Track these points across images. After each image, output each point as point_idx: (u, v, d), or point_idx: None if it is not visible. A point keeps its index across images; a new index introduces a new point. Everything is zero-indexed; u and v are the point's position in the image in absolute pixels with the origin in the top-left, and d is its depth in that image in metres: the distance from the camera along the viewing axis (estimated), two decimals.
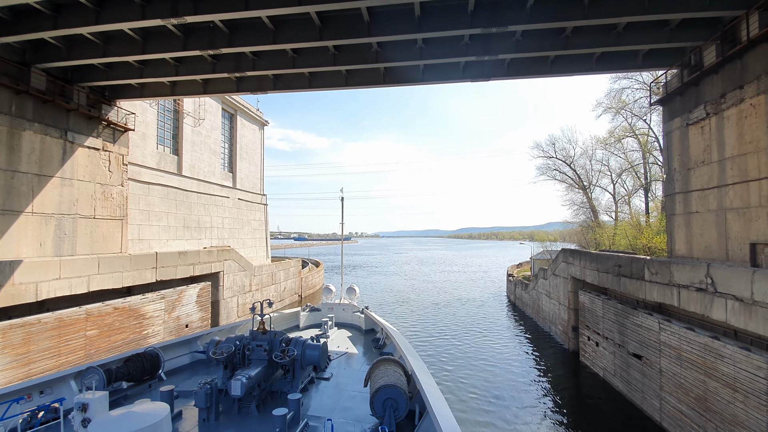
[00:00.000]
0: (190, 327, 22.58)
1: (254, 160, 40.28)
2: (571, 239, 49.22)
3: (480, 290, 47.72)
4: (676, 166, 15.66)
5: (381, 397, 6.55)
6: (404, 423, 6.76)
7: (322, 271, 57.55)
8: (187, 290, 22.45)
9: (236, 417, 7.26)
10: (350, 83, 17.60)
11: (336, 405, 8.01)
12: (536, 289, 29.80)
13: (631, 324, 15.31)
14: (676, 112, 15.69)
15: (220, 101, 33.80)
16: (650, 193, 35.88)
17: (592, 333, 19.04)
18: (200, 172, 30.91)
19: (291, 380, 8.21)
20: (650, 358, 14.05)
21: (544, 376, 19.37)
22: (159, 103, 26.90)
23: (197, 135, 30.78)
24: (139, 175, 24.46)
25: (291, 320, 14.84)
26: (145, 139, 25.32)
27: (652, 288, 13.98)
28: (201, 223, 30.14)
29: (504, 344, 24.54)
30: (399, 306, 36.48)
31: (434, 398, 6.39)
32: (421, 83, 17.11)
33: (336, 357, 11.16)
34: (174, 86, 19.53)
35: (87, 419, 5.67)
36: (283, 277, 36.79)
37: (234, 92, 19.02)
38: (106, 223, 19.78)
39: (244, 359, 8.05)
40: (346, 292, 16.79)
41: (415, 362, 8.34)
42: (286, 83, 18.20)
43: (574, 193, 43.00)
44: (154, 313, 20.04)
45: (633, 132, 35.19)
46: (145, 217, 24.58)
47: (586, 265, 19.98)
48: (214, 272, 25.39)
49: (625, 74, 30.71)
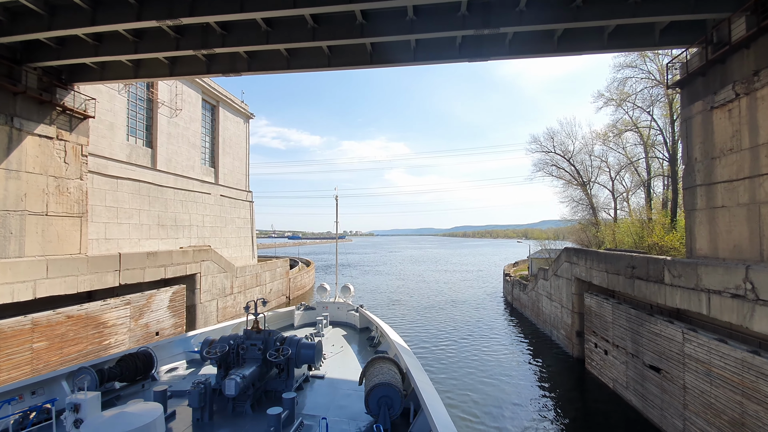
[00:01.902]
0: (162, 335, 20.59)
1: (239, 154, 38.19)
2: (567, 237, 47.77)
3: (475, 290, 46.09)
4: (697, 155, 14.00)
5: (376, 395, 6.52)
6: (399, 421, 6.79)
7: (312, 271, 55.55)
8: (157, 294, 20.45)
9: (230, 416, 7.15)
10: (334, 63, 15.71)
11: (331, 403, 7.93)
12: (536, 290, 28.18)
13: (648, 332, 13.66)
14: (697, 94, 14.02)
15: (200, 91, 31.69)
16: (651, 190, 34.46)
17: (600, 340, 17.40)
18: (178, 166, 28.80)
19: (285, 379, 8.14)
20: (671, 372, 12.40)
21: (547, 385, 17.76)
22: (129, 90, 24.77)
23: (174, 126, 28.66)
24: (106, 169, 22.36)
25: (285, 319, 14.67)
26: (113, 129, 23.20)
27: (673, 292, 12.31)
28: (178, 221, 28.06)
29: (503, 349, 22.90)
30: (390, 308, 34.70)
31: (429, 396, 6.38)
32: (413, 63, 15.27)
33: (331, 356, 10.99)
34: (137, 67, 17.49)
35: (79, 420, 5.65)
36: (269, 278, 34.83)
37: (205, 74, 17.04)
38: (62, 221, 17.71)
39: (238, 358, 7.94)
40: (341, 290, 16.48)
41: (409, 360, 8.32)
42: (262, 63, 16.26)
43: (572, 189, 41.49)
44: (118, 320, 18.04)
45: (635, 125, 33.66)
46: (112, 214, 22.50)
47: (592, 265, 18.32)
48: (190, 274, 23.39)
49: (629, 64, 29.15)
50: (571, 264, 20.88)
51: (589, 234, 34.32)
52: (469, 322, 29.32)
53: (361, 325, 14.41)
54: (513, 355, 21.95)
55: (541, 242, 43.76)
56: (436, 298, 40.27)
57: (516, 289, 34.79)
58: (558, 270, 23.11)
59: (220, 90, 34.58)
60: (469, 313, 32.88)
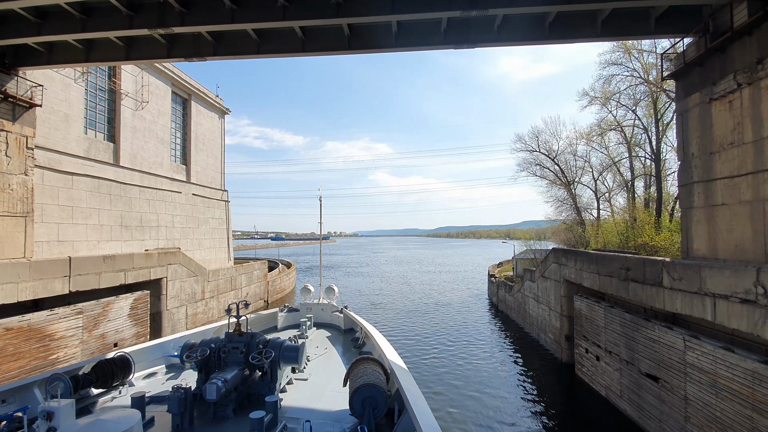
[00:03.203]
0: (121, 345, 18.75)
1: (213, 151, 36.24)
2: (550, 238, 47.50)
3: (460, 292, 45.25)
4: (694, 150, 13.26)
5: (360, 396, 6.47)
6: (383, 421, 6.76)
7: (293, 273, 53.71)
8: (116, 302, 18.62)
9: (212, 422, 7.01)
10: (309, 48, 14.36)
11: (315, 406, 7.88)
12: (522, 292, 27.39)
13: (644, 338, 12.82)
14: (694, 86, 13.29)
15: (169, 83, 29.73)
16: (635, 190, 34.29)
17: (592, 345, 16.58)
18: (144, 162, 26.82)
19: (269, 382, 7.97)
20: (671, 381, 11.55)
21: (535, 391, 16.90)
22: (87, 79, 22.77)
23: (140, 120, 26.68)
24: (60, 164, 20.36)
25: (269, 321, 14.49)
26: (68, 121, 21.19)
27: (673, 296, 11.47)
28: (145, 221, 26.09)
29: (488, 355, 21.96)
30: (372, 312, 33.39)
31: (413, 396, 6.34)
32: (395, 49, 14.07)
33: (315, 357, 10.85)
34: (89, 50, 15.74)
35: (52, 428, 5.49)
36: (245, 282, 33.04)
37: (166, 58, 15.42)
38: (1, 221, 15.77)
39: (219, 362, 7.80)
40: (325, 291, 16.30)
41: (394, 360, 8.28)
42: (229, 47, 14.76)
43: (556, 189, 41.13)
44: (68, 332, 16.19)
45: (619, 125, 33.41)
46: (67, 214, 20.50)
47: (583, 267, 17.51)
48: (155, 279, 21.57)
49: (615, 61, 28.75)
50: (560, 265, 20.08)
51: (576, 234, 33.84)
52: (453, 326, 28.32)
53: (346, 326, 14.28)
54: (499, 360, 21.03)
55: (525, 242, 43.22)
56: (420, 300, 39.21)
57: (501, 290, 34.03)
58: (546, 271, 22.31)
59: (192, 83, 32.65)
60: (454, 315, 31.91)
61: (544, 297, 22.63)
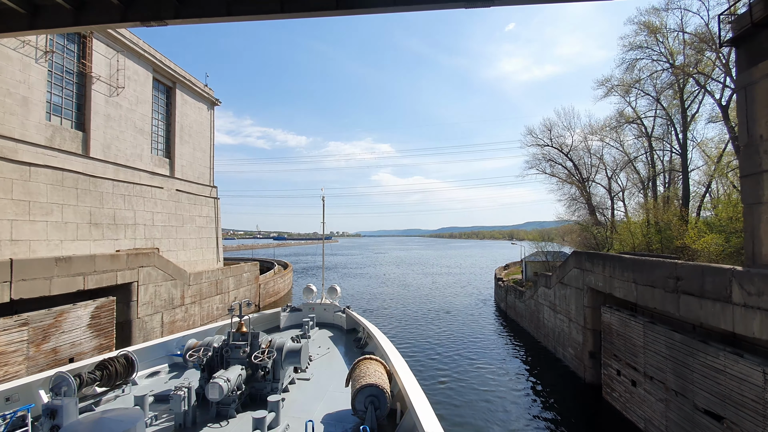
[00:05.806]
0: (78, 360, 16.34)
1: (201, 144, 33.84)
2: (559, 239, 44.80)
3: (464, 296, 42.60)
4: (762, 132, 10.66)
5: (362, 396, 6.49)
6: (385, 422, 6.70)
7: (289, 275, 51.21)
8: (72, 311, 16.19)
9: (214, 421, 6.95)
10: (288, 9, 11.88)
11: (317, 405, 7.74)
12: (535, 299, 24.80)
13: (702, 366, 10.24)
14: (762, 53, 10.68)
15: (150, 68, 27.33)
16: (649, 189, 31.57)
17: (625, 366, 13.99)
18: (120, 154, 24.44)
19: (271, 382, 7.92)
20: (741, 423, 8.97)
21: (555, 413, 14.57)
22: (52, 60, 20.39)
23: (116, 107, 24.29)
24: (15, 153, 18.00)
25: (271, 321, 14.55)
26: (26, 105, 18.82)
27: (748, 316, 8.88)
28: (119, 219, 23.69)
29: (500, 367, 19.52)
30: (372, 319, 30.88)
31: (415, 397, 6.31)
32: (392, 8, 11.56)
33: (317, 357, 10.80)
34: (34, 16, 13.34)
35: (56, 426, 5.52)
36: (233, 285, 30.63)
37: (120, 23, 12.98)
38: None
39: (222, 361, 7.77)
40: (327, 291, 16.24)
41: (396, 361, 8.34)
42: (195, 8, 12.31)
43: (568, 187, 38.44)
44: (9, 347, 13.79)
45: (638, 118, 30.70)
46: (22, 209, 18.12)
47: (614, 273, 14.91)
48: (123, 283, 19.15)
49: (639, 44, 26.06)
50: (583, 271, 17.48)
51: (593, 234, 31.12)
52: (459, 335, 25.79)
53: (348, 326, 14.29)
54: (512, 375, 18.54)
55: (536, 244, 40.49)
56: (423, 306, 36.64)
57: (511, 296, 31.42)
58: (564, 277, 19.72)
59: (177, 70, 30.25)
60: (460, 323, 29.35)
61: (563, 306, 20.04)
